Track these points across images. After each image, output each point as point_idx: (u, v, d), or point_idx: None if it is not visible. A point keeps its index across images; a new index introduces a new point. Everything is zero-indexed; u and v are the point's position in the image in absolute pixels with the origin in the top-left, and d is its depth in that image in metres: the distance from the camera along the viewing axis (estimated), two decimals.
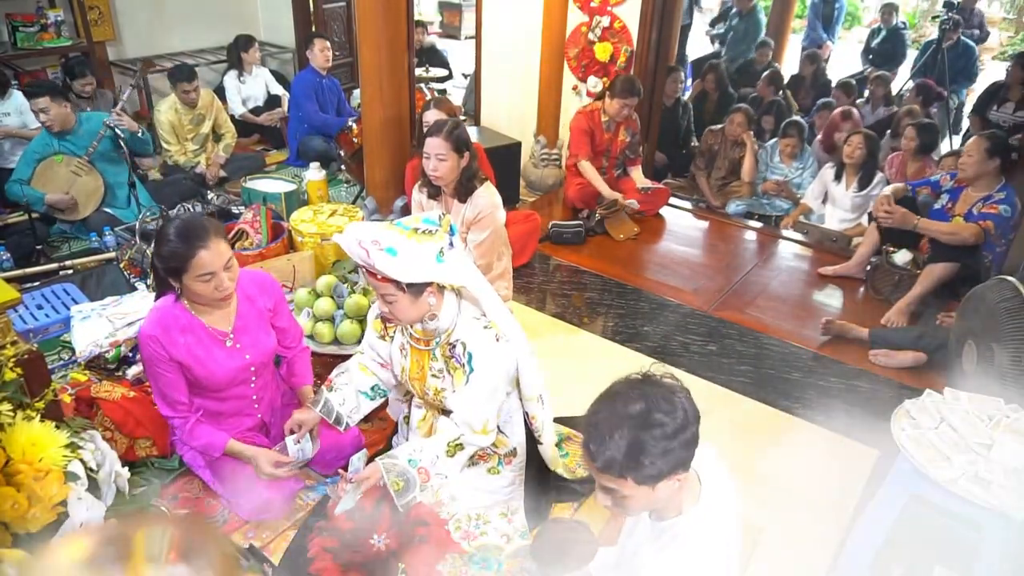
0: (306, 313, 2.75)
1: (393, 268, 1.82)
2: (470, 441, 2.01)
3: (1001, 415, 2.05)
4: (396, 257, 1.81)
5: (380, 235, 1.83)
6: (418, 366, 2.09)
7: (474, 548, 2.16)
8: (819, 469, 2.67)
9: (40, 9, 5.16)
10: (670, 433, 1.29)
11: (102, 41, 5.52)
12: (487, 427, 2.01)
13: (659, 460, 1.29)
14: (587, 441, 1.33)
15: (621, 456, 1.29)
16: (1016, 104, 5.37)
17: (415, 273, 1.85)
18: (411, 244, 1.83)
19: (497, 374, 1.99)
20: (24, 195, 3.81)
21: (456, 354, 2.00)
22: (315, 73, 5.27)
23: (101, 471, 1.95)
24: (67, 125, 3.92)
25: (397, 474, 1.92)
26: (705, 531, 1.42)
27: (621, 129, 4.46)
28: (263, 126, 5.68)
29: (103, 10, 5.44)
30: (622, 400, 1.32)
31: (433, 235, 1.87)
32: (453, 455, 2.00)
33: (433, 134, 2.88)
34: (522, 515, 2.25)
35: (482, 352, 1.97)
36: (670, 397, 1.32)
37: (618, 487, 1.33)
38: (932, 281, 3.52)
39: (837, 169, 4.47)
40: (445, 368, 2.04)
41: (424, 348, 2.06)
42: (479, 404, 1.99)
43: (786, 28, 7.90)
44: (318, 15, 6.35)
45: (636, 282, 3.96)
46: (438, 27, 11.03)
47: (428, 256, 1.85)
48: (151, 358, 2.13)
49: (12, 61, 5.02)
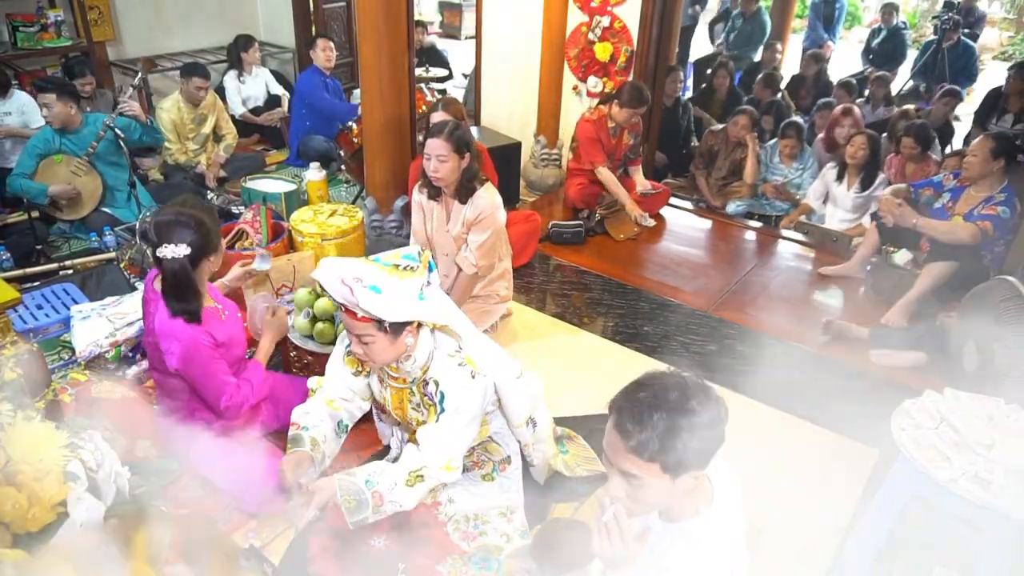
0: (306, 313, 2.75)
1: (377, 306, 1.77)
2: (432, 475, 1.94)
3: (1001, 415, 2.05)
4: (380, 295, 1.77)
5: (362, 272, 1.79)
6: (398, 399, 2.09)
7: (474, 548, 2.15)
8: (819, 469, 2.67)
9: (40, 9, 5.16)
10: (706, 422, 1.29)
11: (102, 41, 5.52)
12: (451, 464, 1.95)
13: (690, 449, 1.29)
14: (622, 420, 1.30)
15: (657, 438, 1.27)
16: (1015, 116, 5.37)
17: (399, 311, 1.80)
18: (394, 281, 1.80)
19: (469, 412, 1.95)
20: (25, 189, 3.82)
21: (429, 392, 1.98)
22: (319, 72, 5.28)
23: (101, 471, 1.95)
24: (69, 125, 3.93)
25: (351, 493, 1.84)
26: (723, 532, 1.42)
27: (625, 132, 4.47)
28: (263, 126, 5.69)
29: (103, 10, 5.44)
30: (660, 386, 1.31)
31: (415, 271, 1.84)
32: (412, 485, 1.91)
33: (434, 135, 2.88)
34: (522, 514, 2.25)
35: (454, 392, 1.93)
36: (706, 389, 1.34)
37: (641, 472, 1.31)
38: (932, 280, 3.51)
39: (839, 169, 4.47)
40: (421, 404, 2.04)
41: (402, 386, 2.05)
42: (445, 442, 1.94)
43: (786, 28, 7.91)
44: (318, 15, 6.35)
45: (636, 282, 3.96)
46: (438, 27, 11.03)
47: (411, 294, 1.82)
48: (209, 355, 2.17)
49: (12, 61, 5.02)
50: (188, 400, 2.38)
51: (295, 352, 2.85)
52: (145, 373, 2.77)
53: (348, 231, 3.52)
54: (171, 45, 5.96)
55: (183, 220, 2.05)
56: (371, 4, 3.57)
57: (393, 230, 4.06)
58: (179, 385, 2.34)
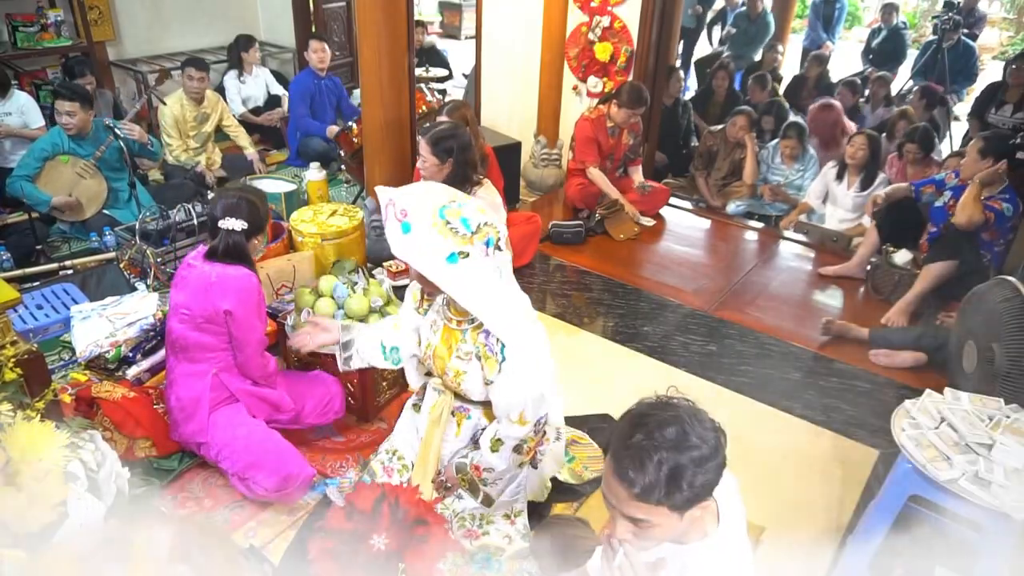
0: (306, 313, 2.75)
1: (396, 242, 1.77)
2: (506, 433, 1.98)
3: (1001, 415, 2.05)
4: (407, 235, 1.75)
5: (413, 207, 1.75)
6: (446, 344, 2.04)
7: (476, 547, 2.16)
8: (819, 469, 2.68)
9: (40, 9, 5.16)
10: (707, 455, 1.25)
11: (102, 41, 5.52)
12: (523, 417, 1.94)
13: (696, 484, 1.25)
14: (622, 468, 1.26)
15: (663, 481, 1.23)
16: (1014, 106, 5.37)
17: (413, 258, 1.78)
18: (430, 232, 1.75)
19: (530, 361, 1.92)
20: (27, 194, 3.81)
21: (490, 343, 1.94)
22: (313, 74, 5.27)
23: (101, 471, 1.95)
24: (85, 131, 3.96)
25: (460, 471, 2.10)
26: (732, 551, 1.41)
27: (625, 132, 4.47)
28: (263, 126, 5.68)
29: (103, 10, 5.44)
30: (656, 423, 1.26)
31: (457, 235, 1.76)
32: (496, 450, 2.02)
33: (421, 135, 3.02)
34: (525, 517, 2.25)
35: (514, 343, 1.91)
36: (703, 419, 1.29)
37: (649, 516, 1.27)
38: (931, 279, 3.51)
39: (839, 169, 4.47)
40: (475, 353, 1.98)
41: (455, 327, 2.01)
42: (512, 393, 1.92)
43: (786, 28, 7.90)
44: (318, 15, 6.35)
45: (636, 282, 3.96)
46: (438, 27, 11.03)
47: (439, 251, 1.76)
48: (259, 302, 2.37)
49: (12, 61, 5.02)
50: (216, 359, 2.39)
51: (295, 352, 2.84)
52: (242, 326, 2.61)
53: (348, 231, 3.52)
54: (171, 45, 5.96)
55: (244, 200, 2.33)
56: (371, 4, 3.57)
57: None
58: (212, 341, 2.35)
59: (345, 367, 2.29)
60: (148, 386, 2.74)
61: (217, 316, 2.30)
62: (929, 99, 5.34)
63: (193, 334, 2.34)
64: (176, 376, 2.42)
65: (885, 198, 3.94)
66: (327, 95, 5.36)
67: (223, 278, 2.30)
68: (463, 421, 2.16)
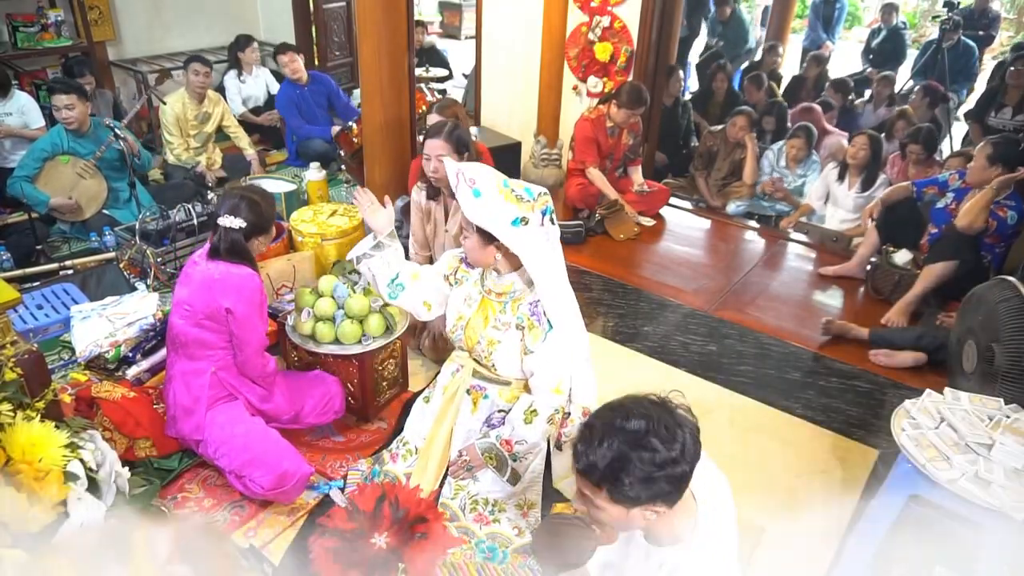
0: (306, 313, 2.75)
1: (469, 205, 1.95)
2: (543, 402, 2.06)
3: (1001, 415, 2.05)
4: (478, 199, 1.94)
5: (480, 177, 1.96)
6: (482, 314, 2.15)
7: (485, 534, 2.17)
8: (819, 469, 2.68)
9: (40, 9, 5.16)
10: (659, 462, 1.25)
11: (102, 41, 5.52)
12: (560, 386, 2.06)
13: (638, 485, 1.25)
14: (577, 440, 1.32)
15: (603, 466, 1.26)
16: (1014, 108, 5.36)
17: (484, 219, 1.96)
18: (498, 198, 1.94)
19: (574, 332, 2.08)
20: (27, 195, 3.81)
21: (537, 312, 2.07)
22: (292, 85, 5.24)
23: (101, 471, 1.95)
24: (84, 126, 3.95)
25: (486, 449, 2.12)
26: (703, 565, 1.38)
27: (624, 132, 4.47)
28: (263, 126, 5.68)
29: (103, 10, 5.44)
30: (624, 413, 1.28)
31: (522, 202, 1.96)
32: (530, 421, 2.06)
33: (433, 135, 2.89)
34: (538, 511, 2.27)
35: (560, 315, 2.05)
36: (674, 428, 1.27)
37: (592, 496, 1.32)
38: (932, 280, 3.51)
39: (840, 169, 4.48)
40: (516, 323, 2.10)
41: (496, 300, 2.13)
42: (554, 361, 2.05)
43: (786, 28, 7.90)
44: (318, 15, 6.35)
45: (636, 282, 3.96)
46: (438, 27, 11.03)
47: (505, 215, 1.94)
48: (261, 301, 2.36)
49: (12, 61, 5.02)
50: (215, 357, 2.39)
51: (295, 352, 2.85)
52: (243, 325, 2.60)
53: (348, 231, 3.52)
54: (171, 45, 5.96)
55: (246, 199, 2.33)
56: (371, 4, 3.57)
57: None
58: (211, 339, 2.35)
59: (357, 254, 2.31)
60: (148, 386, 2.74)
61: (218, 313, 2.30)
62: (932, 98, 5.34)
63: (193, 330, 2.34)
64: (175, 373, 2.42)
65: (881, 203, 3.94)
66: (312, 100, 5.32)
67: (226, 276, 2.31)
68: (479, 400, 2.23)
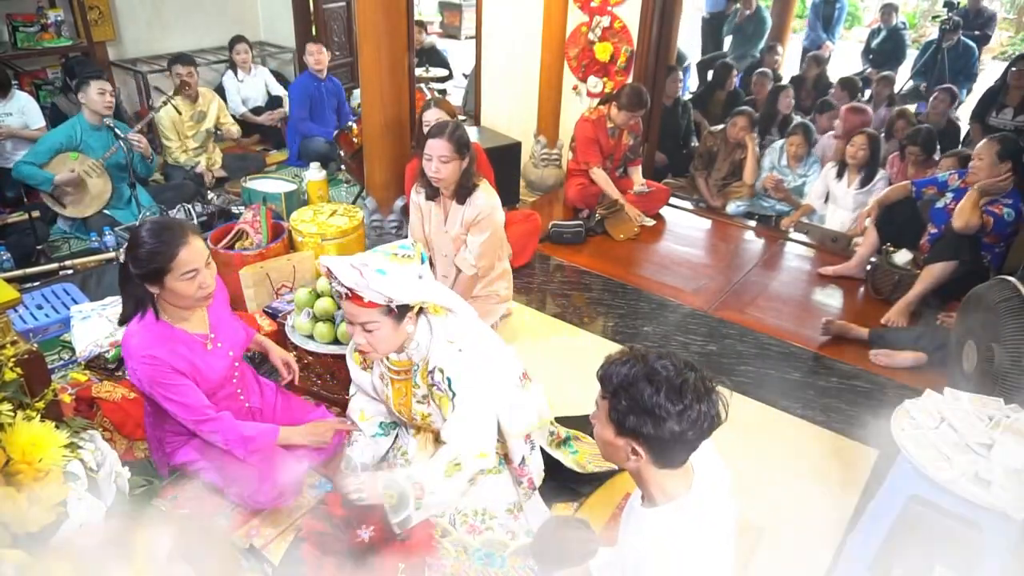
0: (306, 313, 2.75)
1: (386, 286, 1.88)
2: (468, 463, 1.98)
3: (1001, 415, 2.05)
4: (387, 276, 1.89)
5: (366, 259, 1.93)
6: (401, 394, 2.14)
7: (479, 543, 2.16)
8: (819, 469, 2.68)
9: (40, 9, 5.16)
10: (652, 404, 1.33)
11: (102, 41, 5.51)
12: (484, 451, 1.99)
13: (626, 410, 1.36)
14: (617, 353, 1.43)
15: (616, 380, 1.38)
16: (1015, 109, 5.36)
17: (405, 292, 1.91)
18: (395, 265, 1.93)
19: (482, 390, 2.01)
20: (29, 175, 3.86)
21: (436, 381, 2.03)
22: (312, 77, 5.27)
23: (101, 471, 1.95)
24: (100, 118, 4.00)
25: (392, 487, 1.89)
26: (696, 520, 1.43)
27: (624, 133, 4.47)
28: (263, 126, 5.68)
29: (103, 10, 5.44)
30: (665, 354, 1.39)
31: (411, 259, 1.98)
32: (451, 475, 1.94)
33: (435, 136, 2.86)
34: (528, 513, 2.26)
35: (459, 374, 1.99)
36: (687, 392, 1.33)
37: (599, 407, 1.44)
38: (932, 280, 3.51)
39: (839, 168, 4.48)
40: (429, 395, 2.07)
41: (404, 379, 2.10)
42: (471, 427, 1.98)
43: (786, 28, 7.90)
44: (318, 15, 6.34)
45: (636, 282, 3.96)
46: (438, 27, 11.03)
47: (412, 276, 1.95)
48: (156, 377, 2.04)
49: (12, 61, 5.02)
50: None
51: (295, 352, 2.84)
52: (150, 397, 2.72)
53: (348, 231, 3.53)
54: (171, 45, 5.95)
55: (142, 232, 1.99)
56: (371, 4, 3.57)
57: (393, 230, 4.06)
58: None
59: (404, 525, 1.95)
60: None
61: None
62: (950, 100, 5.35)
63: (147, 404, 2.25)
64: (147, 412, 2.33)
65: (879, 204, 3.94)
66: (327, 98, 5.35)
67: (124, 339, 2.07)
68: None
